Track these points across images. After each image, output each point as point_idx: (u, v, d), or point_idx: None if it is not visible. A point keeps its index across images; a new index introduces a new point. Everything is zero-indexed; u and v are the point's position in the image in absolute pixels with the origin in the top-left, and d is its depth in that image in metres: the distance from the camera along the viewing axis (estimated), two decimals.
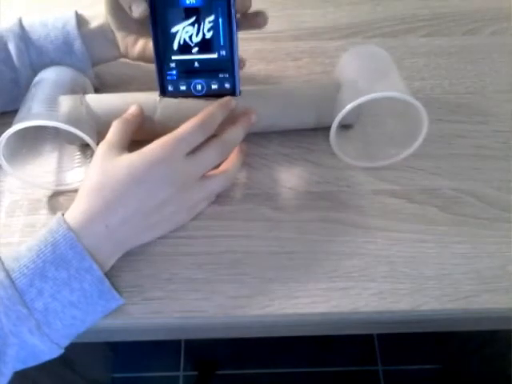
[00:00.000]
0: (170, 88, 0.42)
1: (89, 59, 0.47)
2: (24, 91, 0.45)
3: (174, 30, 0.40)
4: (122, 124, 0.40)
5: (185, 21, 0.40)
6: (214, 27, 0.40)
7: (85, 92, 0.44)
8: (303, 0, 0.60)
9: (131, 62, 0.49)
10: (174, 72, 0.41)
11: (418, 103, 0.39)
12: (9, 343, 0.32)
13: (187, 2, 0.39)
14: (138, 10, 0.40)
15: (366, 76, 0.42)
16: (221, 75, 0.42)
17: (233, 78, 0.42)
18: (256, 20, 0.42)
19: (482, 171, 0.45)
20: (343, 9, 0.59)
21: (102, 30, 0.46)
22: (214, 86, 0.42)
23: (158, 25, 0.40)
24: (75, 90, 0.43)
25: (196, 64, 0.41)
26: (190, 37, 0.40)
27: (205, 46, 0.40)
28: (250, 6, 0.41)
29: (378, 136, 0.47)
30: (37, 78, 0.43)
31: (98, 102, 0.43)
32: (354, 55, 0.45)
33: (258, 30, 0.43)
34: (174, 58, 0.41)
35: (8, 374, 0.33)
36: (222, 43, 0.40)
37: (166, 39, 0.40)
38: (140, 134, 0.41)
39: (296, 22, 0.58)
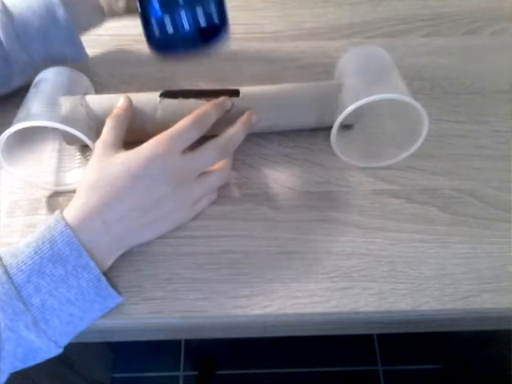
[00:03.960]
0: (157, 33, 0.39)
1: (73, 26, 0.46)
2: (15, 68, 0.45)
3: None
4: (116, 121, 0.40)
5: None
6: None
7: (85, 92, 0.44)
8: (303, 0, 0.60)
9: (131, 62, 0.50)
10: (157, 6, 0.38)
11: (418, 105, 0.39)
12: (5, 338, 0.32)
13: None
14: None
15: (366, 76, 0.42)
16: (207, 5, 0.38)
17: (221, 11, 0.39)
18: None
19: (482, 171, 0.45)
20: (343, 9, 0.59)
21: None
22: (202, 22, 0.39)
23: None
24: (75, 90, 0.43)
25: None
26: None
27: None
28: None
29: (379, 136, 0.47)
30: (37, 79, 0.43)
31: (98, 102, 0.43)
32: (354, 55, 0.45)
33: None
34: None
35: (6, 370, 0.33)
36: None
37: None
38: (141, 135, 0.41)
39: (296, 22, 0.58)
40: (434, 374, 1.07)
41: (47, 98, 0.40)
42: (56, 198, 0.44)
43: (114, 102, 0.42)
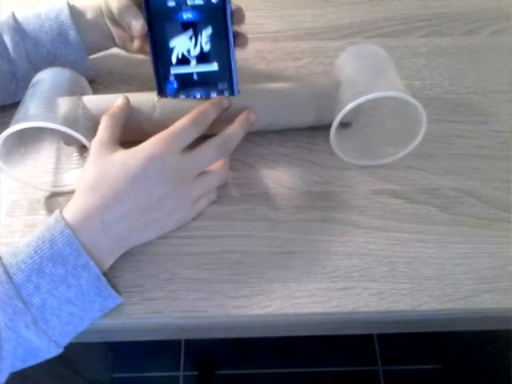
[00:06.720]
0: (169, 96, 0.42)
1: (84, 50, 0.47)
2: (22, 84, 0.45)
3: (171, 44, 0.40)
4: (111, 119, 0.40)
5: (182, 35, 0.40)
6: (212, 40, 0.40)
7: (83, 93, 0.44)
8: (303, 0, 0.60)
9: (131, 61, 0.50)
10: (175, 85, 0.42)
11: (416, 102, 0.39)
12: (5, 337, 0.32)
13: (184, 17, 0.39)
14: (137, 26, 0.41)
15: (364, 75, 0.42)
16: (220, 86, 0.42)
17: (231, 87, 0.42)
18: (236, 41, 0.42)
19: (482, 171, 0.45)
20: (343, 9, 0.59)
21: (97, 23, 0.46)
22: (214, 96, 0.42)
23: (156, 39, 0.40)
24: (73, 90, 0.43)
25: (195, 76, 0.42)
26: (188, 50, 0.41)
27: (203, 58, 0.41)
28: (243, 19, 0.42)
29: (378, 135, 0.47)
30: (35, 79, 0.43)
31: (96, 103, 0.43)
32: (351, 54, 0.45)
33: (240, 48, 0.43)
34: (173, 71, 0.41)
35: (6, 370, 0.33)
36: (219, 55, 0.41)
37: (164, 53, 0.41)
38: (140, 134, 0.41)
39: (296, 22, 0.58)
40: (433, 373, 1.07)
41: (45, 98, 0.40)
42: (56, 198, 0.44)
43: (112, 102, 0.42)
